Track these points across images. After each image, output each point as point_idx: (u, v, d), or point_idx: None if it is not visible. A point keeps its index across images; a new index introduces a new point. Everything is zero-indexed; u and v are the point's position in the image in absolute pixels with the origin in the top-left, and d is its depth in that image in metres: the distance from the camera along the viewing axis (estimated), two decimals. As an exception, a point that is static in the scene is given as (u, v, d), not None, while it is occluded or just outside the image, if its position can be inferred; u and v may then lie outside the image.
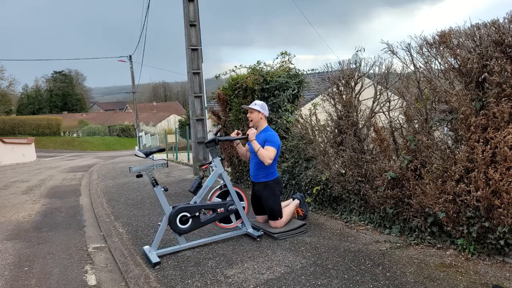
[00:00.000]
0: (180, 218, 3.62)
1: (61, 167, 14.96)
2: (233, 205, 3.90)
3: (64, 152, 32.05)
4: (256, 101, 4.16)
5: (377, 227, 4.06)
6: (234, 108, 6.41)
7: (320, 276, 2.99)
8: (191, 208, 3.68)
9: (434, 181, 3.31)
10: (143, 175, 3.55)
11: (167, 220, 3.57)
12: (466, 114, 3.02)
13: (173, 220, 3.58)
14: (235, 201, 3.91)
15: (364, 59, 4.37)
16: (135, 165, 3.49)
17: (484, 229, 3.08)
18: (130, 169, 3.48)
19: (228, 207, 3.88)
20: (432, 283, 2.76)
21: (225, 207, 3.87)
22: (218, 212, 3.85)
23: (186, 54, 8.38)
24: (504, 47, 2.82)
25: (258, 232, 3.97)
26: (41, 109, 57.32)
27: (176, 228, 3.61)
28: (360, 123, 4.34)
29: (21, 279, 3.46)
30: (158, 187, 3.57)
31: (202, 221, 3.78)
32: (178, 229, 3.63)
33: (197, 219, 3.72)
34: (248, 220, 4.04)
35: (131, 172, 3.47)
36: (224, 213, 3.88)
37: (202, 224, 3.80)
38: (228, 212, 3.90)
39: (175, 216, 3.59)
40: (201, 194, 3.77)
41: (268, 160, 3.85)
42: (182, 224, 3.64)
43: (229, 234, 3.99)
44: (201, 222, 3.77)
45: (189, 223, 3.67)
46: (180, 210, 3.61)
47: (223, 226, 4.03)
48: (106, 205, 6.20)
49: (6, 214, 6.10)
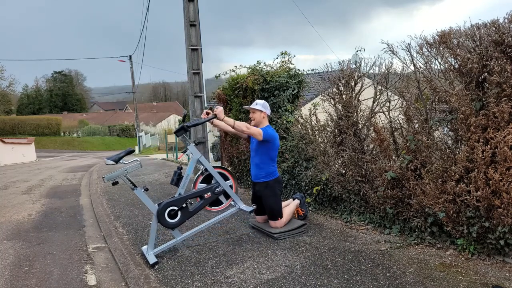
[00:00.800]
0: (168, 213, 3.59)
1: (61, 167, 14.96)
2: (219, 186, 3.83)
3: (64, 152, 32.05)
4: (257, 101, 4.14)
5: (377, 227, 4.06)
6: (234, 108, 6.41)
7: (320, 276, 2.99)
8: (176, 201, 3.64)
9: (434, 181, 3.31)
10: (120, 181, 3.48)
11: (156, 218, 3.56)
12: (466, 114, 3.02)
13: (162, 216, 3.56)
14: (220, 182, 3.83)
15: (364, 59, 4.38)
16: (107, 174, 3.43)
17: (484, 229, 3.08)
18: (104, 178, 3.43)
19: (215, 190, 3.81)
20: (432, 283, 2.76)
21: (211, 191, 3.80)
22: (206, 198, 3.78)
23: (186, 54, 8.38)
24: (504, 47, 2.82)
25: (250, 207, 3.93)
26: (41, 109, 57.31)
27: (167, 223, 3.59)
28: (360, 123, 4.34)
29: (21, 279, 3.46)
30: (137, 189, 3.55)
31: (192, 211, 3.73)
32: (169, 224, 3.60)
33: (185, 210, 3.68)
34: (238, 197, 3.97)
35: (105, 181, 3.40)
36: (212, 197, 3.81)
37: (193, 213, 3.75)
38: (216, 195, 3.83)
39: (163, 212, 3.56)
40: (184, 185, 3.70)
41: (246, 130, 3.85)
42: (172, 218, 3.61)
43: (223, 215, 3.92)
44: (191, 212, 3.72)
45: (178, 216, 3.63)
46: (166, 206, 3.59)
47: (215, 209, 3.95)
48: (106, 205, 6.20)
49: (6, 214, 6.10)
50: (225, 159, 7.52)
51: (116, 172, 3.45)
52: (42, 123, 39.49)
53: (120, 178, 3.46)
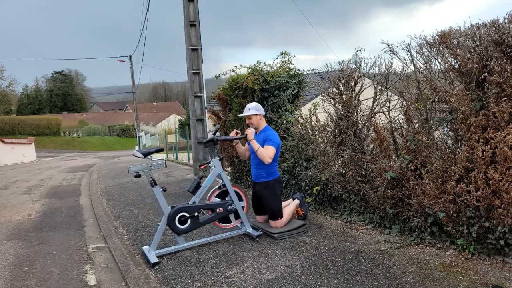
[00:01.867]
0: (179, 218, 3.61)
1: (61, 167, 14.96)
2: (232, 205, 3.89)
3: (64, 152, 32.04)
4: (248, 105, 4.11)
5: (377, 227, 4.06)
6: (234, 108, 6.41)
7: (320, 276, 2.99)
8: (190, 208, 3.67)
9: (434, 181, 3.31)
10: (142, 175, 3.55)
11: (166, 220, 3.57)
12: (466, 114, 3.02)
13: (172, 220, 3.58)
14: (234, 201, 3.90)
15: (364, 59, 4.38)
16: (133, 165, 3.49)
17: (484, 229, 3.08)
18: (129, 169, 3.49)
19: (227, 207, 3.87)
20: (432, 283, 2.76)
21: (224, 207, 3.86)
22: (217, 212, 3.84)
23: (186, 54, 8.38)
24: (504, 47, 2.82)
25: (257, 232, 3.96)
26: (41, 109, 57.28)
27: (175, 228, 3.61)
28: (360, 123, 4.34)
29: (21, 279, 3.46)
30: (156, 187, 3.57)
31: (201, 221, 3.77)
32: (177, 229, 3.62)
33: (196, 219, 3.72)
34: (247, 220, 4.04)
35: (129, 172, 3.47)
36: (223, 213, 3.87)
37: (201, 224, 3.79)
38: (227, 212, 3.89)
39: (174, 216, 3.58)
40: (200, 194, 3.76)
41: (267, 159, 3.85)
42: (181, 224, 3.63)
43: (229, 234, 3.99)
44: (200, 222, 3.76)
45: (188, 223, 3.67)
46: (179, 210, 3.61)
47: (222, 226, 4.02)
48: (106, 205, 6.20)
49: (6, 214, 6.10)
50: (225, 159, 7.52)
51: (142, 165, 3.52)
52: (42, 123, 39.46)
53: (144, 173, 3.52)
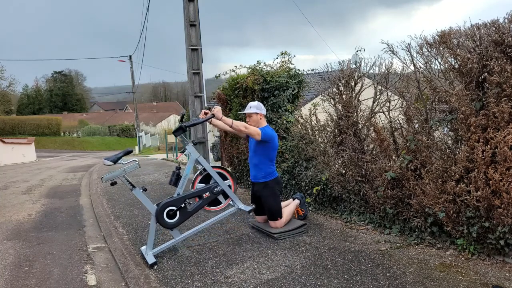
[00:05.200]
0: (167, 213, 3.58)
1: (61, 167, 14.96)
2: (218, 186, 3.82)
3: (64, 152, 32.04)
4: (250, 104, 4.09)
5: (377, 227, 4.06)
6: (234, 108, 6.41)
7: (320, 276, 2.99)
8: (175, 200, 3.64)
9: (434, 181, 3.31)
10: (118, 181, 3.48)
11: (155, 218, 3.56)
12: (466, 114, 3.02)
13: (160, 217, 3.55)
14: (219, 182, 3.82)
15: (364, 59, 4.38)
16: (106, 174, 3.43)
17: (484, 229, 3.08)
18: (102, 179, 3.44)
19: (213, 189, 3.80)
20: (432, 283, 2.76)
21: (210, 191, 3.79)
22: (205, 198, 3.78)
23: (186, 54, 8.37)
24: (504, 47, 2.82)
25: (249, 207, 3.92)
26: (41, 109, 57.29)
27: (165, 223, 3.58)
28: (360, 123, 4.34)
29: (21, 279, 3.46)
30: (136, 189, 3.55)
31: (190, 211, 3.72)
32: (168, 224, 3.60)
33: (184, 210, 3.68)
34: (237, 197, 3.95)
35: (103, 181, 3.40)
36: (211, 196, 3.80)
37: (192, 213, 3.74)
38: (215, 195, 3.82)
39: (161, 212, 3.56)
40: (182, 184, 3.69)
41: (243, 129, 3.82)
42: (171, 218, 3.60)
43: (222, 215, 3.91)
44: (190, 212, 3.72)
45: (177, 216, 3.63)
46: (164, 206, 3.58)
47: (214, 209, 3.93)
48: (106, 205, 6.20)
49: (6, 214, 6.10)
50: (225, 159, 7.52)
51: (114, 172, 3.44)
52: (42, 123, 39.47)
53: (119, 179, 3.46)
